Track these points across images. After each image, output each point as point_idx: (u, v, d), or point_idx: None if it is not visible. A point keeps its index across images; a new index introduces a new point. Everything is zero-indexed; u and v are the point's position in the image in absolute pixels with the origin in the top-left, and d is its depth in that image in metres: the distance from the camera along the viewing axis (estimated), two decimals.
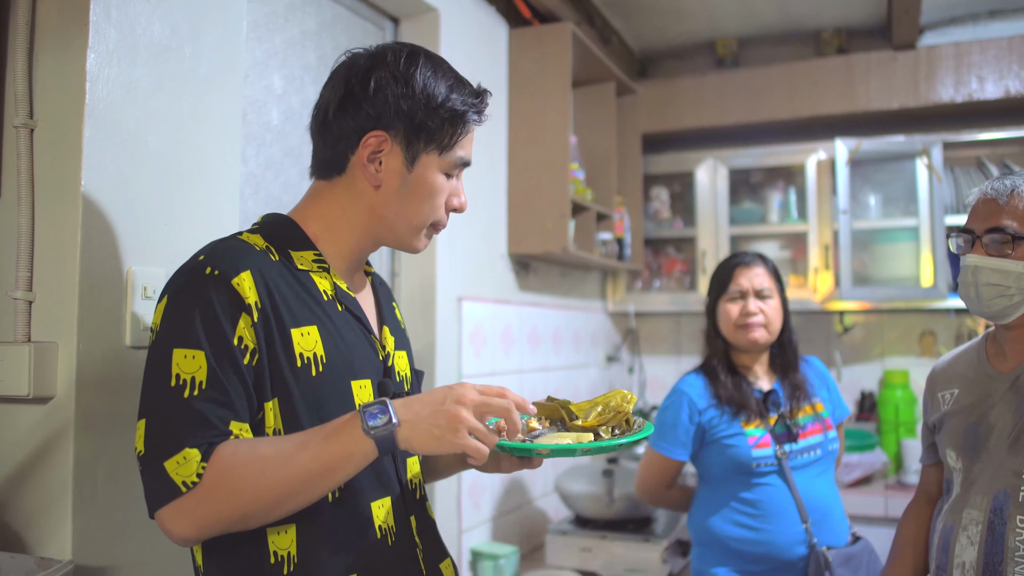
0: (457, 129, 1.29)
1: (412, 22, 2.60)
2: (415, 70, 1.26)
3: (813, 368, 2.42)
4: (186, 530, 1.08)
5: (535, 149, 2.99)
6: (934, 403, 1.79)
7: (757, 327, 2.27)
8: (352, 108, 1.26)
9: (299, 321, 1.20)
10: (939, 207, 3.46)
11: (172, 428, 1.08)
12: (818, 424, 2.28)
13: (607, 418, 1.31)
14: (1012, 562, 1.51)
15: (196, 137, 1.63)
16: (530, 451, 1.22)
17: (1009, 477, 1.55)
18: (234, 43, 1.73)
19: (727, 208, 3.88)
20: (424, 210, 1.30)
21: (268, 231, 1.27)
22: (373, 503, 1.25)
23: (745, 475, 2.21)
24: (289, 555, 1.16)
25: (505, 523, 2.93)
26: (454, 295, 2.64)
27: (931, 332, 3.83)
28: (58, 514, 1.36)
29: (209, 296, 1.13)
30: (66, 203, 1.40)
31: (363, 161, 1.26)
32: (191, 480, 1.07)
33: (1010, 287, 1.56)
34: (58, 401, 1.38)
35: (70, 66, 1.41)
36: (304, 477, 1.09)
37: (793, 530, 2.16)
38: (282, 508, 1.11)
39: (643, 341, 4.26)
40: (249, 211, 1.97)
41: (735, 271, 2.33)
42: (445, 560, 1.38)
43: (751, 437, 2.20)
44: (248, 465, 1.08)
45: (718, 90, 3.89)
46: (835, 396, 2.42)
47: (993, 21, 3.60)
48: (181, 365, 1.10)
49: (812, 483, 2.22)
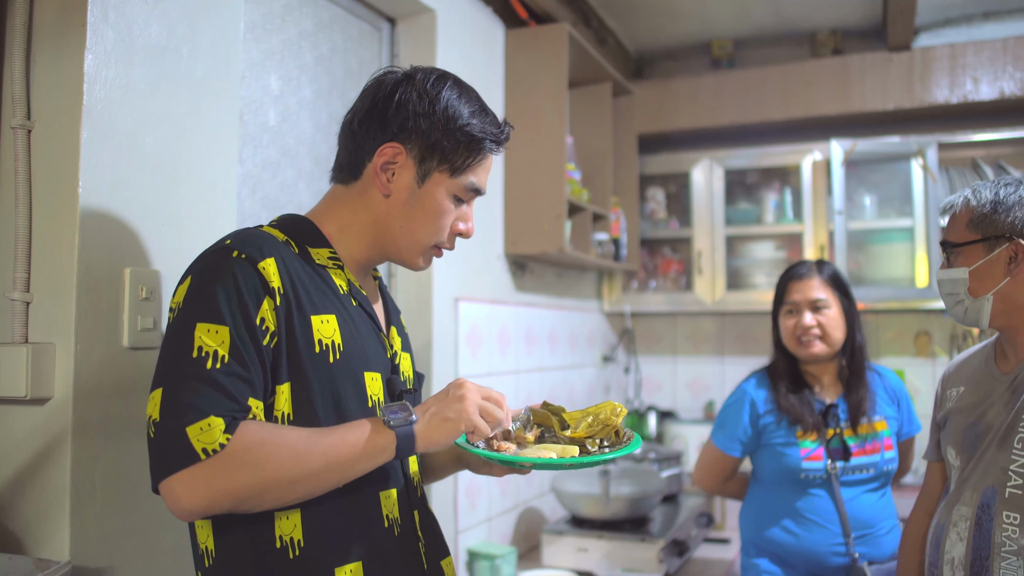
0: (472, 154, 1.32)
1: (409, 23, 2.61)
2: (440, 91, 1.31)
3: (884, 382, 2.37)
4: (196, 501, 1.07)
5: (531, 149, 2.99)
6: (942, 400, 1.83)
7: (813, 341, 2.26)
8: (375, 119, 1.31)
9: (319, 309, 1.23)
10: (934, 208, 3.47)
11: (196, 396, 1.09)
12: (876, 443, 2.24)
13: (595, 430, 1.33)
14: (999, 557, 1.53)
15: (193, 138, 1.63)
16: (514, 464, 1.27)
17: (997, 473, 1.58)
18: (231, 44, 1.73)
19: (723, 208, 3.89)
20: (428, 228, 1.33)
21: (287, 227, 1.31)
22: (381, 493, 1.27)
23: (794, 483, 2.24)
24: (294, 540, 1.17)
25: (502, 523, 2.93)
26: (450, 296, 2.64)
27: (926, 332, 3.84)
28: (56, 515, 1.36)
29: (235, 275, 1.15)
30: (63, 204, 1.40)
31: (376, 169, 1.30)
32: (212, 448, 1.07)
33: (959, 293, 1.67)
34: (56, 402, 1.37)
35: (67, 67, 1.41)
36: (323, 463, 1.12)
37: (834, 541, 2.18)
38: (296, 492, 1.13)
39: (639, 341, 4.26)
40: (246, 212, 1.97)
41: (789, 284, 2.33)
42: (447, 558, 1.40)
43: (804, 449, 2.23)
44: (273, 442, 1.10)
45: (714, 91, 3.89)
46: (906, 412, 2.36)
47: (987, 22, 3.61)
48: (204, 339, 1.11)
49: (862, 499, 2.22)
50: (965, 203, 1.67)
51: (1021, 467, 1.55)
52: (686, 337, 4.24)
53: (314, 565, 1.18)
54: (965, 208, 1.67)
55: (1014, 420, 1.58)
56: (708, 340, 4.22)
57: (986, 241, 1.62)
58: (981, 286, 1.63)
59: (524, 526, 3.09)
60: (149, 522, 1.49)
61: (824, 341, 2.27)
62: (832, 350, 2.29)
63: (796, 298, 2.29)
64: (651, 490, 2.90)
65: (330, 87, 2.29)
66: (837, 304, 2.30)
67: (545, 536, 2.83)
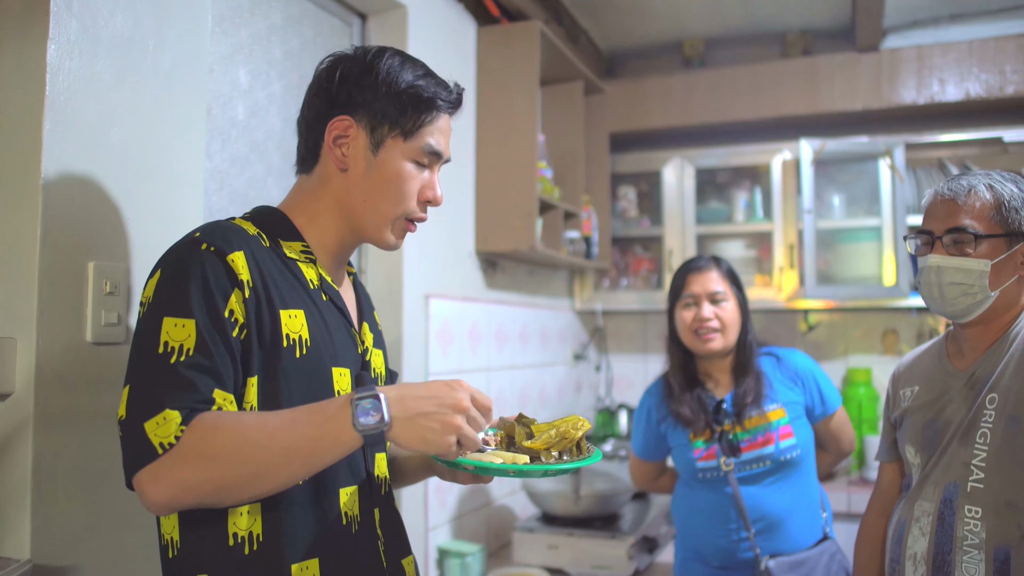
0: (421, 114, 1.30)
1: (380, 18, 2.59)
2: (381, 59, 1.30)
3: (783, 366, 2.34)
4: (159, 494, 1.06)
5: (503, 147, 2.99)
6: (895, 400, 1.83)
7: (712, 333, 2.26)
8: (321, 99, 1.31)
9: (287, 304, 1.22)
10: (901, 207, 3.52)
11: (155, 391, 1.08)
12: (768, 435, 2.21)
13: (553, 442, 1.32)
14: (961, 551, 1.55)
15: (160, 132, 1.61)
16: (458, 465, 1.23)
17: (959, 468, 1.60)
18: (199, 37, 1.72)
19: (693, 207, 3.91)
20: (390, 197, 1.31)
21: (260, 220, 1.31)
22: (341, 489, 1.26)
23: (698, 481, 2.28)
24: (252, 535, 1.16)
25: (472, 521, 2.93)
26: (421, 292, 2.63)
27: (893, 330, 3.89)
28: (16, 512, 1.33)
29: (204, 268, 1.14)
30: (25, 196, 1.37)
31: (329, 145, 1.30)
32: (168, 441, 1.06)
33: (973, 285, 1.60)
34: (17, 397, 1.35)
35: (30, 57, 1.39)
36: (283, 456, 1.08)
37: (739, 535, 2.21)
38: (257, 486, 1.09)
39: (610, 339, 4.28)
40: (214, 207, 1.95)
41: (688, 277, 2.33)
42: (408, 557, 1.38)
43: (696, 449, 2.26)
44: (229, 434, 1.07)
45: (685, 90, 3.91)
46: (814, 390, 2.31)
47: (954, 25, 3.66)
48: (171, 333, 1.10)
49: (762, 492, 2.21)
50: (991, 192, 1.61)
51: (983, 461, 1.57)
52: (657, 335, 4.25)
53: (271, 561, 1.16)
54: (993, 199, 1.61)
55: (976, 415, 1.60)
56: None
57: (1008, 236, 1.60)
58: (996, 280, 1.60)
59: (495, 524, 3.09)
60: (114, 519, 1.47)
61: (723, 335, 2.27)
62: (729, 343, 2.29)
63: (696, 290, 2.29)
64: (621, 488, 2.91)
65: (300, 82, 2.27)
66: (734, 298, 2.31)
67: (516, 534, 2.83)
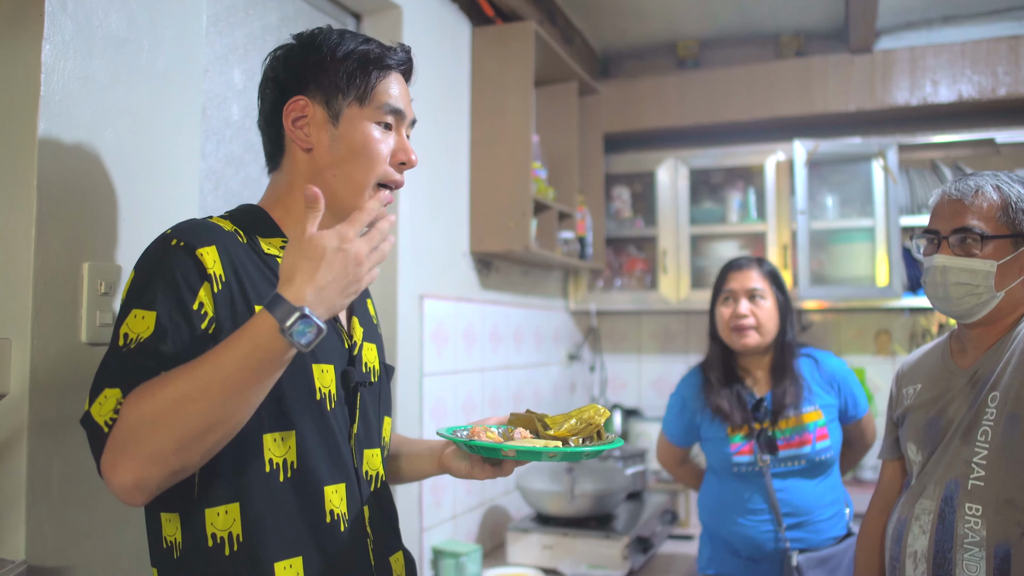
0: (370, 75, 1.30)
1: (375, 18, 2.59)
2: (321, 36, 1.31)
3: (821, 368, 2.40)
4: (122, 477, 1.03)
5: (497, 147, 2.99)
6: (898, 398, 1.85)
7: (748, 330, 2.31)
8: (271, 89, 1.32)
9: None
10: (894, 208, 3.53)
11: (100, 375, 1.09)
12: (805, 436, 2.28)
13: (578, 429, 1.34)
14: (961, 549, 1.56)
15: (155, 132, 1.60)
16: (497, 451, 1.25)
17: (960, 466, 1.60)
18: (194, 37, 1.71)
19: (687, 208, 3.92)
20: (361, 164, 1.29)
21: (237, 217, 1.30)
22: (327, 487, 1.24)
23: (732, 474, 2.33)
24: (232, 535, 1.15)
25: (467, 521, 2.93)
26: (415, 293, 2.63)
27: (886, 331, 3.90)
28: (11, 514, 1.33)
29: (171, 263, 1.14)
30: (20, 197, 1.37)
31: (290, 128, 1.29)
32: (110, 417, 1.05)
33: (979, 285, 1.62)
34: (11, 399, 1.35)
35: (24, 57, 1.38)
36: (227, 394, 1.04)
37: (769, 528, 2.26)
38: (218, 430, 1.05)
39: (604, 340, 4.28)
40: (209, 207, 1.95)
41: (728, 274, 2.40)
42: (396, 553, 1.37)
43: (734, 444, 2.31)
44: (163, 391, 1.04)
45: (679, 91, 3.92)
46: (848, 395, 2.38)
47: (947, 26, 3.67)
48: (131, 324, 1.11)
49: (795, 488, 2.28)
50: (998, 193, 1.62)
51: (984, 459, 1.57)
52: (651, 336, 4.27)
53: (254, 559, 1.15)
54: (1000, 199, 1.62)
55: (977, 413, 1.60)
56: (673, 339, 4.24)
57: (1014, 237, 1.61)
58: (1001, 281, 1.61)
59: (489, 524, 3.09)
60: (108, 520, 1.46)
61: (758, 332, 2.32)
62: (765, 342, 2.34)
63: (734, 286, 2.36)
64: (616, 487, 2.92)
65: None
66: (773, 297, 2.36)
67: (510, 534, 2.83)
